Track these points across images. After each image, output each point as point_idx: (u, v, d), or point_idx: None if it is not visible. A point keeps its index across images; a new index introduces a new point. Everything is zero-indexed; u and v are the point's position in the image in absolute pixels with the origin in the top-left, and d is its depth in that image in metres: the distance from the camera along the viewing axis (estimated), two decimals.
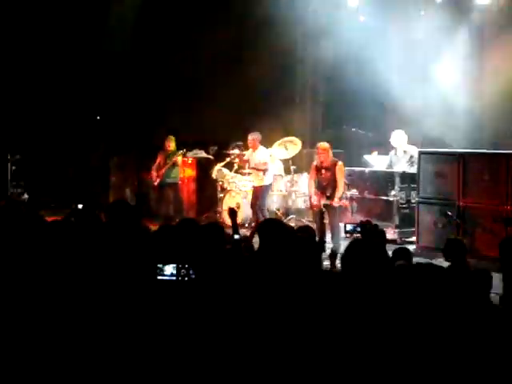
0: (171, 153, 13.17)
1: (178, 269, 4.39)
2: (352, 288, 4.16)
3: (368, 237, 5.57)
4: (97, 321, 4.29)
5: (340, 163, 10.11)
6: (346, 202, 10.21)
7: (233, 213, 6.74)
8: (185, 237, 5.12)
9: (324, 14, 13.05)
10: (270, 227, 5.49)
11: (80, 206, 7.37)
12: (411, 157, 10.96)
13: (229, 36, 13.82)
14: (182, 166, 13.48)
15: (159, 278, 4.42)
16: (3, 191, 14.66)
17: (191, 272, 4.37)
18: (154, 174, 13.19)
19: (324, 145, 10.18)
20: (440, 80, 11.93)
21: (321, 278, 4.49)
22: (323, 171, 10.09)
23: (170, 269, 4.42)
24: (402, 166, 11.10)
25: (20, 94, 15.11)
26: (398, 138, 11.32)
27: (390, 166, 11.38)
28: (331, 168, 10.03)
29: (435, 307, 3.79)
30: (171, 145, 13.14)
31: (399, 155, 11.31)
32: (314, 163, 10.26)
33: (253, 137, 11.93)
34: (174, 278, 4.39)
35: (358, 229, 6.71)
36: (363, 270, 4.35)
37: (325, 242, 9.41)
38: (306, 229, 6.03)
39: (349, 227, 6.89)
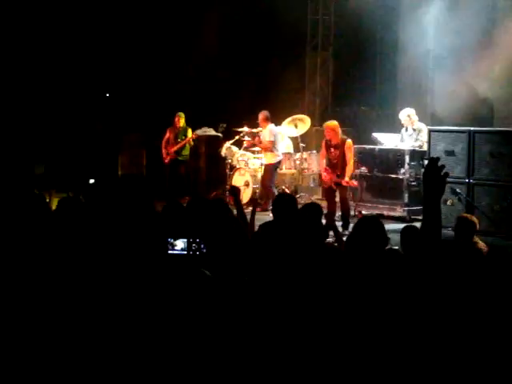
0: (182, 130, 13.15)
1: (188, 243, 4.42)
2: (356, 266, 4.17)
3: (430, 172, 5.50)
4: (108, 295, 4.32)
5: (349, 141, 10.07)
6: (354, 182, 10.19)
7: (234, 191, 6.37)
8: (193, 213, 5.14)
9: None
10: (283, 202, 5.54)
11: (91, 181, 7.39)
12: (419, 132, 10.97)
13: (239, 14, 13.76)
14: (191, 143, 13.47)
15: (170, 252, 4.48)
16: None
17: (202, 246, 4.41)
18: (164, 151, 13.18)
19: (331, 123, 10.14)
20: (451, 57, 11.82)
21: (325, 254, 4.50)
22: (332, 149, 10.06)
23: (180, 243, 4.46)
24: (412, 143, 11.08)
25: (29, 70, 15.10)
26: (407, 115, 11.26)
27: (401, 143, 11.35)
28: (340, 146, 10.00)
29: (437, 286, 3.77)
30: (181, 121, 13.11)
31: (409, 132, 11.26)
32: (325, 140, 10.23)
33: (260, 115, 11.95)
34: (185, 252, 4.44)
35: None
36: (369, 249, 4.37)
37: (335, 220, 9.45)
38: (311, 206, 6.00)
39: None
